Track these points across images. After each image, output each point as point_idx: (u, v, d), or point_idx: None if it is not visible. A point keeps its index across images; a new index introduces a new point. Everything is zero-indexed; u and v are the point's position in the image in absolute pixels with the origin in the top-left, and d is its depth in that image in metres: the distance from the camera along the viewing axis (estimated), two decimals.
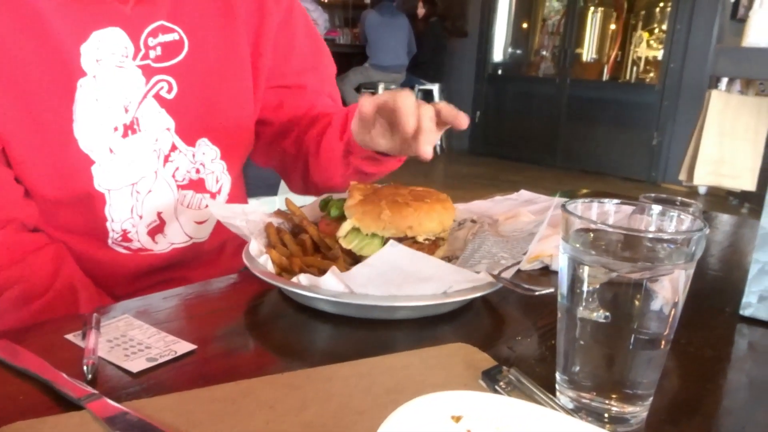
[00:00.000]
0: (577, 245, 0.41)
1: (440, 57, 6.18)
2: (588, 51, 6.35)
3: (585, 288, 0.41)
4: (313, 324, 0.57)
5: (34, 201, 0.72)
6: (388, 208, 0.60)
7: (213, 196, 0.81)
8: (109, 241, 0.76)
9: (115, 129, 0.71)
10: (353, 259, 0.62)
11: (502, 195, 1.01)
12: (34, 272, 0.69)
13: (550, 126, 5.83)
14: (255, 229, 0.65)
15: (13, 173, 0.70)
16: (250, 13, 0.80)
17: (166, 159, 0.76)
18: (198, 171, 0.79)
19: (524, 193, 1.00)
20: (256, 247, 0.60)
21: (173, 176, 0.77)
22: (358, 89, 5.77)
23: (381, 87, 5.65)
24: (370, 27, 5.61)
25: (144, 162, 0.74)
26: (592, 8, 6.29)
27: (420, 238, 0.62)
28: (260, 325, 0.57)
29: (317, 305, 0.57)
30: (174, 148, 0.76)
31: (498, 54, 6.43)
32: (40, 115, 0.68)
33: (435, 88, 6.01)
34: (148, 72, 0.72)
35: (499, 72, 6.44)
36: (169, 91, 0.74)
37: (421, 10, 6.08)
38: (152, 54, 0.72)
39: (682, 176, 3.22)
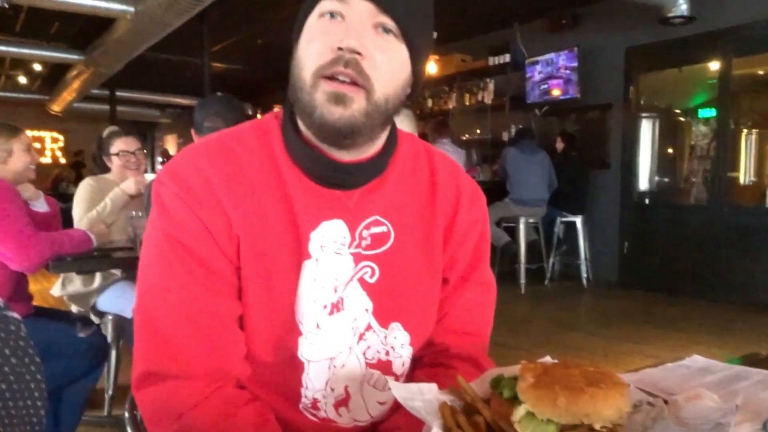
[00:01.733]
0: None
1: (582, 188, 6.13)
2: (745, 174, 5.99)
3: None
4: None
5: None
6: (563, 394, 0.61)
7: (397, 378, 0.85)
8: (300, 406, 0.82)
9: (324, 306, 0.80)
10: None
11: (658, 330, 0.96)
12: (240, 428, 0.74)
13: (708, 256, 5.41)
14: (430, 408, 0.67)
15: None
16: (446, 213, 0.88)
17: (361, 337, 0.82)
18: (387, 353, 0.84)
19: (698, 360, 0.94)
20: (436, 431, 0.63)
21: (364, 354, 0.82)
22: (498, 223, 5.83)
23: (522, 221, 5.67)
24: (510, 163, 5.75)
25: (342, 338, 0.81)
26: (745, 130, 6.01)
27: (597, 426, 0.61)
28: None
29: None
30: (369, 327, 0.82)
31: (643, 183, 6.25)
32: (272, 284, 0.78)
33: (578, 220, 5.92)
34: (357, 258, 0.82)
35: (646, 201, 6.22)
36: (372, 275, 0.82)
37: (559, 145, 6.16)
38: (363, 243, 0.82)
39: None
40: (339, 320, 0.80)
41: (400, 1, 0.75)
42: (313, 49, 0.74)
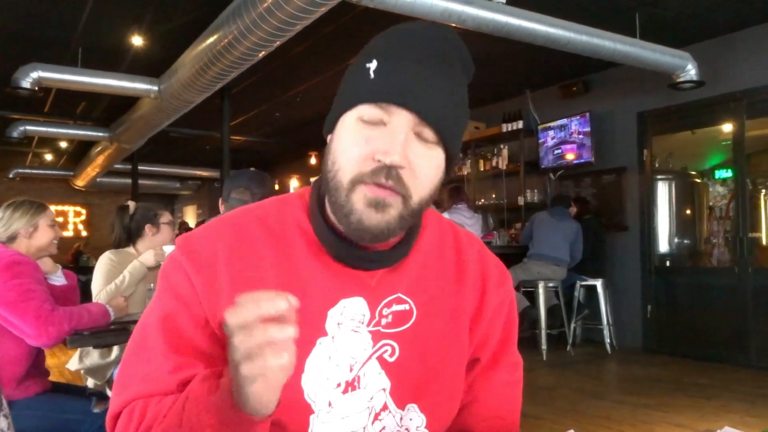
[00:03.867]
0: None
1: (600, 251, 6.07)
2: (767, 235, 5.91)
3: None
4: None
5: None
6: None
7: None
8: None
9: (338, 385, 0.77)
10: None
11: (687, 398, 0.92)
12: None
13: (736, 320, 5.25)
14: None
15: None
16: (474, 294, 0.87)
17: (376, 417, 0.79)
18: None
19: None
20: None
21: None
22: (517, 288, 5.77)
23: (541, 286, 5.60)
24: (537, 223, 5.81)
25: (356, 417, 0.78)
26: (763, 190, 5.97)
27: None
28: None
29: None
30: (385, 407, 0.79)
31: (663, 245, 6.17)
32: None
33: (598, 283, 5.84)
34: (376, 336, 0.80)
35: (668, 263, 6.13)
36: (392, 354, 0.80)
37: (572, 209, 6.17)
38: (384, 321, 0.80)
39: None
40: (354, 399, 0.78)
41: (441, 109, 0.74)
42: (352, 153, 0.74)
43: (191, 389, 0.69)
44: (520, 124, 6.90)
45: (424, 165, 0.75)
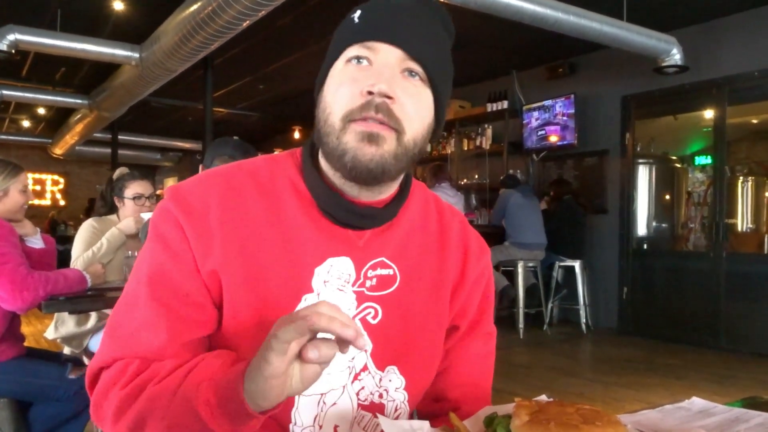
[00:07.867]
0: None
1: (579, 233, 6.14)
2: (743, 221, 6.01)
3: None
4: None
5: None
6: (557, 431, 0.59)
7: None
8: None
9: None
10: None
11: (658, 378, 0.94)
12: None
13: (709, 304, 5.37)
14: None
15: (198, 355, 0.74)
16: (455, 265, 0.89)
17: (356, 377, 0.81)
18: (381, 396, 0.82)
19: (697, 402, 0.93)
20: None
21: (357, 394, 0.81)
22: (497, 267, 5.81)
23: (520, 265, 5.65)
24: (512, 207, 5.74)
25: (338, 376, 0.79)
26: (741, 177, 6.05)
27: None
28: None
29: None
30: (365, 368, 0.81)
31: (641, 228, 6.25)
32: (267, 315, 0.76)
33: (576, 264, 5.91)
34: (360, 297, 0.81)
35: (645, 247, 6.22)
36: (375, 317, 0.82)
37: (553, 190, 6.20)
38: (368, 283, 0.81)
39: None
40: (335, 358, 0.77)
41: (426, 47, 0.77)
42: (341, 93, 0.75)
43: (199, 360, 0.70)
44: (505, 104, 6.90)
45: (414, 101, 0.76)
